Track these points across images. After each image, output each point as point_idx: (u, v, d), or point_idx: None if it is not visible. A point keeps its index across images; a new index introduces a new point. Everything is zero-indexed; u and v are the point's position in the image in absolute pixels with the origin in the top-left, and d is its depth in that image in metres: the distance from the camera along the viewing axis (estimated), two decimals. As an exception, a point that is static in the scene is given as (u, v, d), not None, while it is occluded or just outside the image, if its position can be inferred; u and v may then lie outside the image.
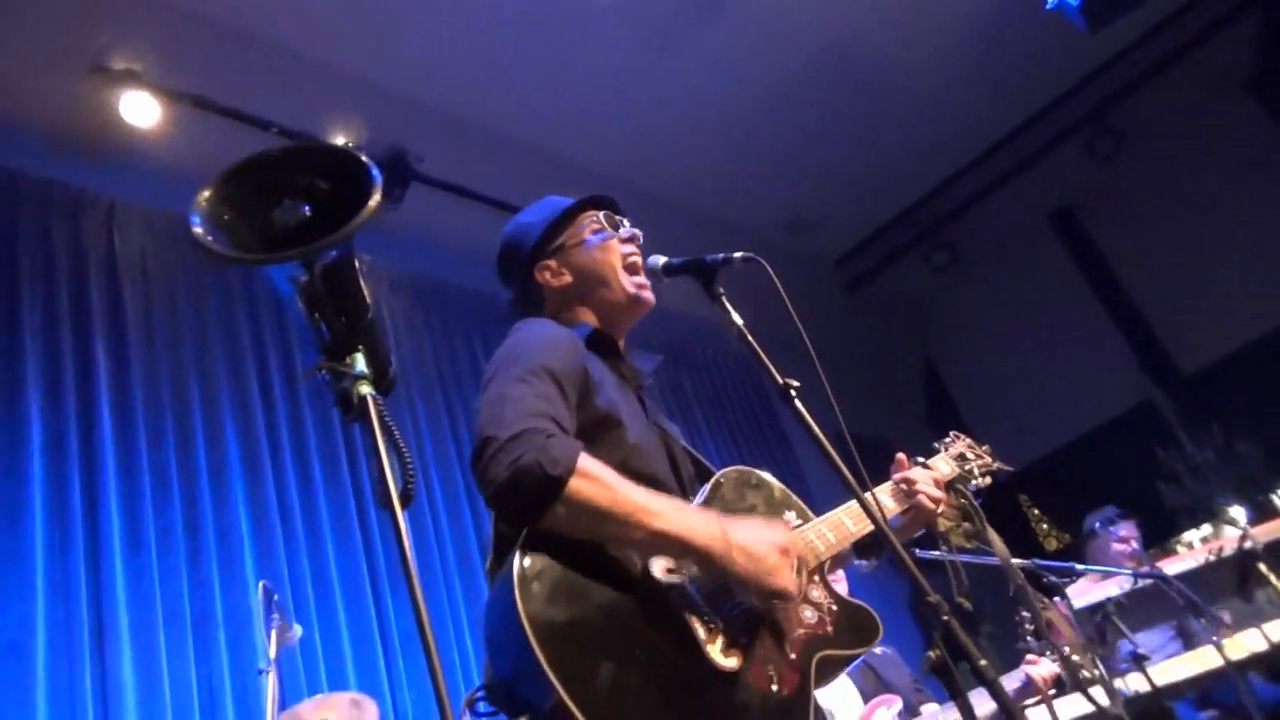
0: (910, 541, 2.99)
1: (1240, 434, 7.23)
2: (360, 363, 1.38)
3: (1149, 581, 3.61)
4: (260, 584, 2.43)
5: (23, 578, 3.20)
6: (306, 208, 1.29)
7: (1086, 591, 3.73)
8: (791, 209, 7.23)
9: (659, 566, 1.56)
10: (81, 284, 3.88)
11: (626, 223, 1.98)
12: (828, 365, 1.78)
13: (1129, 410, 7.90)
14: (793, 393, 1.67)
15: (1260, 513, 7.31)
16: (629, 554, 1.53)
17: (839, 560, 1.87)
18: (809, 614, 1.71)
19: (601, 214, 1.98)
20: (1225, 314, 7.45)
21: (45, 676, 3.10)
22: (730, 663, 1.53)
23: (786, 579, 1.58)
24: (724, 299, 1.78)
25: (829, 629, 1.69)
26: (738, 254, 1.80)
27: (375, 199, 1.31)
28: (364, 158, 1.33)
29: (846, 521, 1.81)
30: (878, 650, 3.19)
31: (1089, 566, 3.40)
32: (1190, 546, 7.81)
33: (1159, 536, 7.91)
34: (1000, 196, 7.59)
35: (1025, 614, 3.51)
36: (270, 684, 2.18)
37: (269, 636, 2.32)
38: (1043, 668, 2.98)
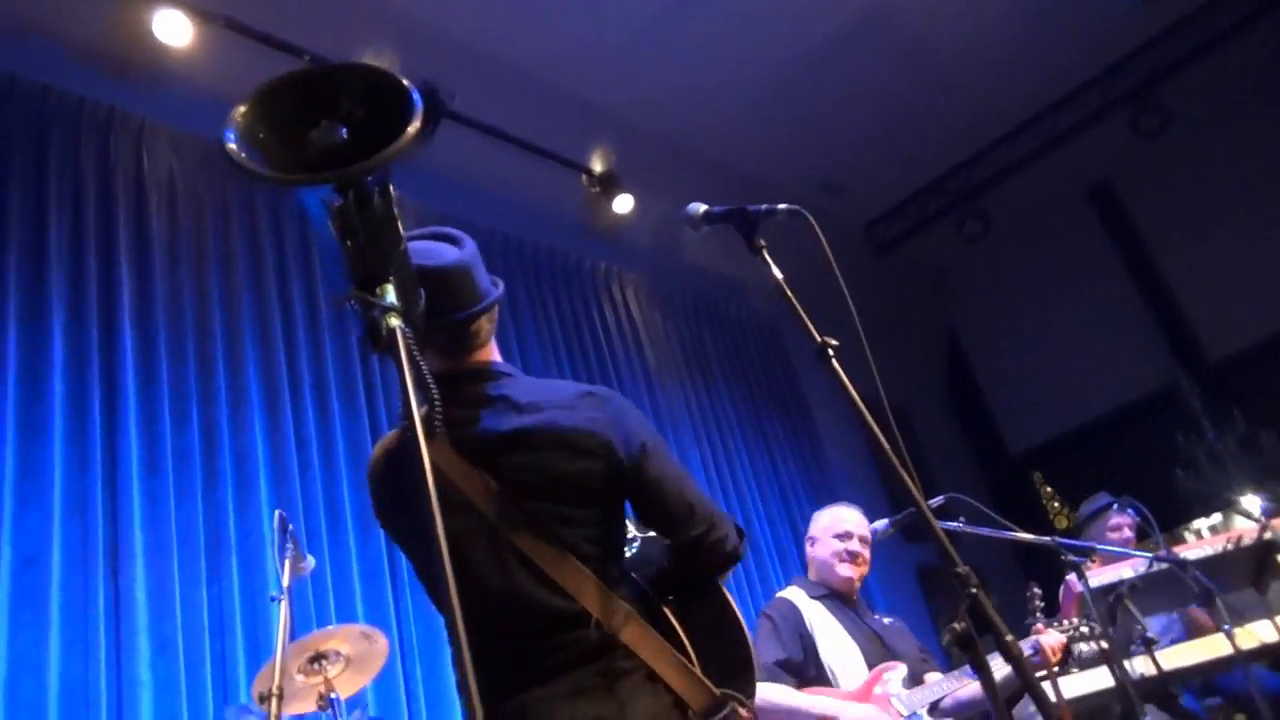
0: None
1: (1264, 424, 7.15)
2: (390, 294, 1.35)
3: (1164, 566, 3.58)
4: (276, 513, 2.42)
5: (41, 493, 3.22)
6: (344, 130, 1.26)
7: (1099, 573, 3.70)
8: (824, 169, 7.11)
9: None
10: (109, 203, 3.85)
11: None
12: (851, 329, 1.75)
13: (1152, 393, 7.82)
14: (830, 352, 1.63)
15: (1278, 505, 7.27)
16: None
17: None
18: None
19: None
20: (1258, 302, 7.32)
21: (59, 592, 3.13)
22: None
23: None
24: (765, 251, 1.74)
25: None
26: (782, 205, 1.75)
27: (415, 125, 1.27)
28: (406, 82, 1.29)
29: None
30: (885, 620, 3.19)
31: (1107, 547, 3.37)
32: (1199, 535, 7.79)
33: (1170, 523, 7.88)
34: (1039, 167, 7.45)
35: (1036, 590, 3.51)
36: (282, 612, 2.18)
37: (282, 565, 2.32)
38: (1051, 637, 2.97)
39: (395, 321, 1.33)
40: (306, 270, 4.42)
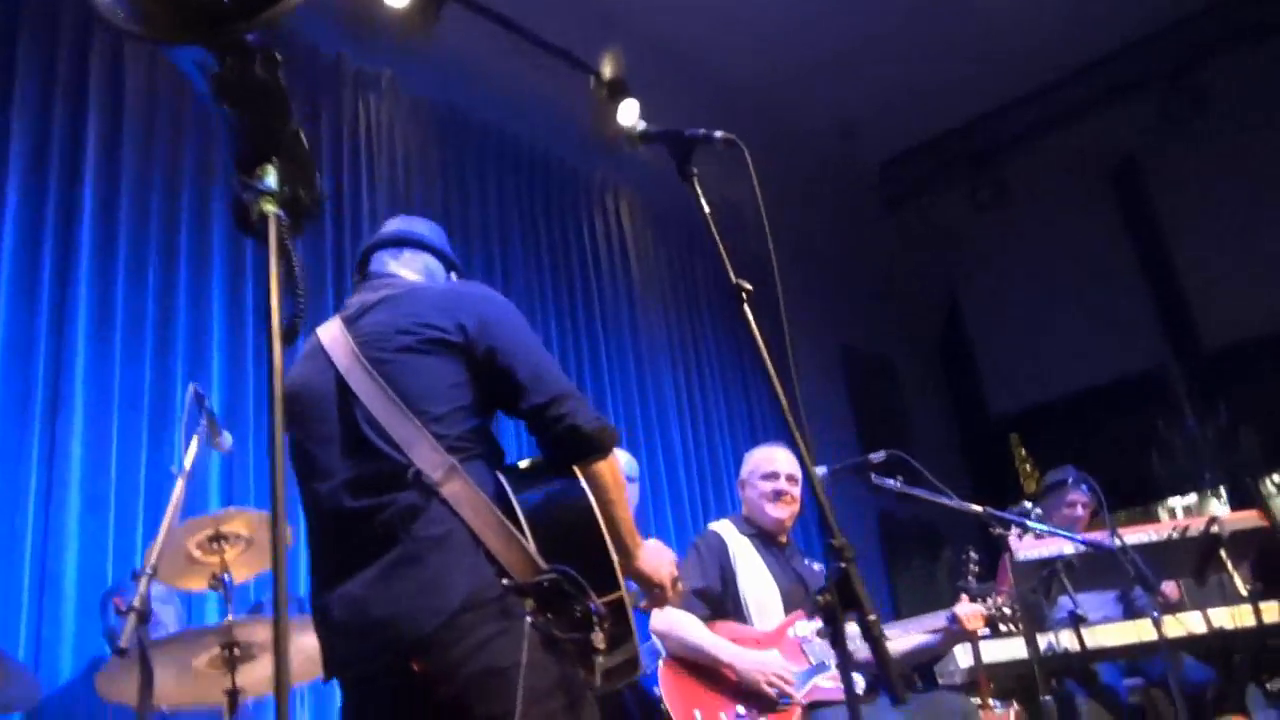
0: (870, 467, 2.94)
1: (1245, 419, 7.09)
2: (270, 175, 1.28)
3: (1105, 544, 3.57)
4: (191, 386, 2.38)
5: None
6: (221, -9, 1.16)
7: (1038, 545, 3.69)
8: (842, 108, 6.91)
9: None
10: (83, 55, 3.72)
11: None
12: (853, 277, 1.69)
13: (1140, 374, 7.74)
14: (743, 295, 1.58)
15: (1242, 500, 7.27)
16: None
17: None
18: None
19: None
20: (1261, 298, 7.19)
21: (-6, 437, 3.12)
22: None
23: None
24: (695, 180, 1.68)
25: None
26: (719, 133, 1.69)
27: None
28: None
29: None
30: (815, 566, 3.18)
31: (1042, 526, 3.33)
32: (1173, 514, 7.82)
33: (1137, 502, 7.91)
34: (1061, 136, 7.24)
35: (972, 555, 3.49)
36: (178, 488, 2.16)
37: (188, 441, 2.28)
38: (968, 608, 2.96)
39: (269, 208, 1.26)
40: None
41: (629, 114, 5.80)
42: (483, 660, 1.54)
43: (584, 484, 1.73)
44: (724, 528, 3.12)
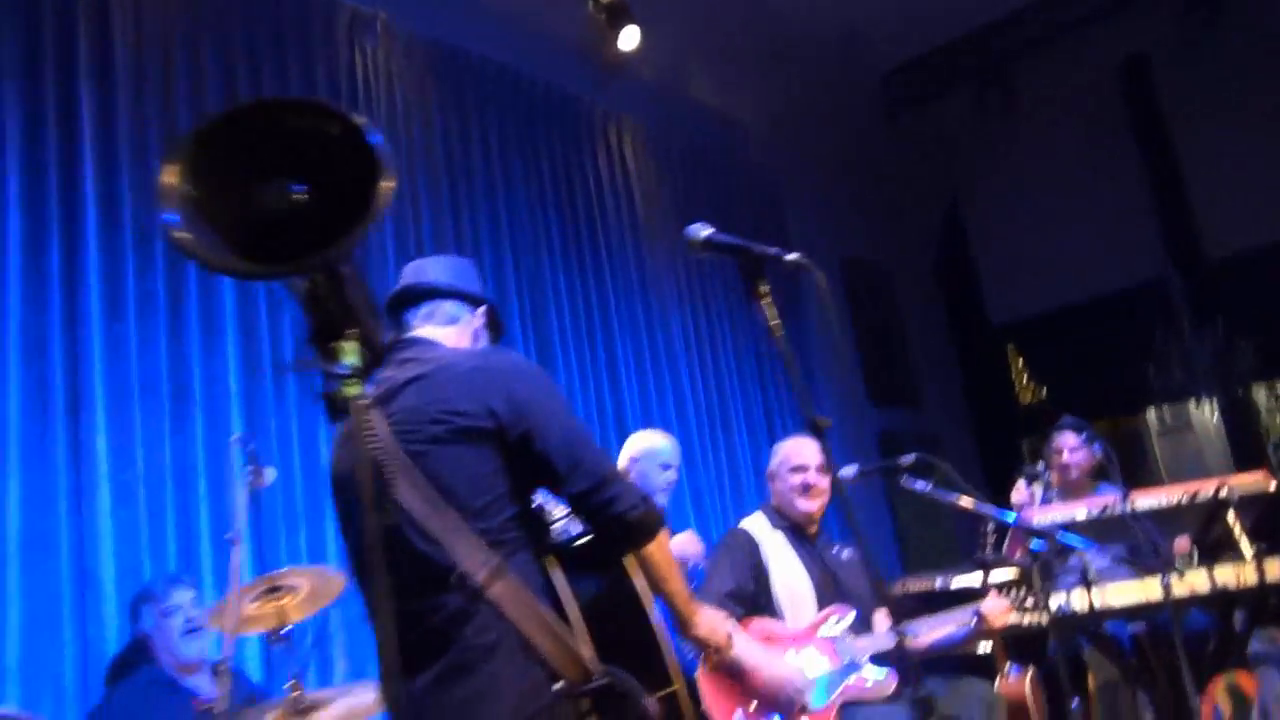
0: (899, 470, 2.97)
1: (1243, 332, 7.15)
2: (349, 355, 1.24)
3: (1115, 512, 3.65)
4: (234, 436, 2.36)
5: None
6: (296, 188, 1.09)
7: (1051, 510, 3.77)
8: (848, 13, 6.66)
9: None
10: (69, 18, 3.52)
11: None
12: (855, 189, 1.67)
13: (1140, 285, 7.75)
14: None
15: (1233, 408, 7.42)
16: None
17: None
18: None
19: None
20: (1266, 208, 7.14)
21: (18, 437, 3.10)
22: None
23: None
24: (767, 301, 1.64)
25: None
26: (791, 255, 1.64)
27: (387, 182, 1.11)
28: (361, 121, 1.10)
29: None
30: (844, 554, 3.24)
31: (1075, 539, 3.35)
32: (1163, 422, 7.97)
33: (1123, 412, 8.04)
34: (1072, 41, 7.02)
35: (990, 525, 3.57)
36: (235, 555, 2.16)
37: (239, 496, 2.27)
38: (994, 604, 3.04)
39: (353, 390, 1.23)
40: (283, 87, 4.13)
41: (630, 39, 5.58)
42: None
43: (632, 576, 1.73)
44: (755, 524, 3.17)
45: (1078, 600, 3.63)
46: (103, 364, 3.35)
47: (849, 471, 3.23)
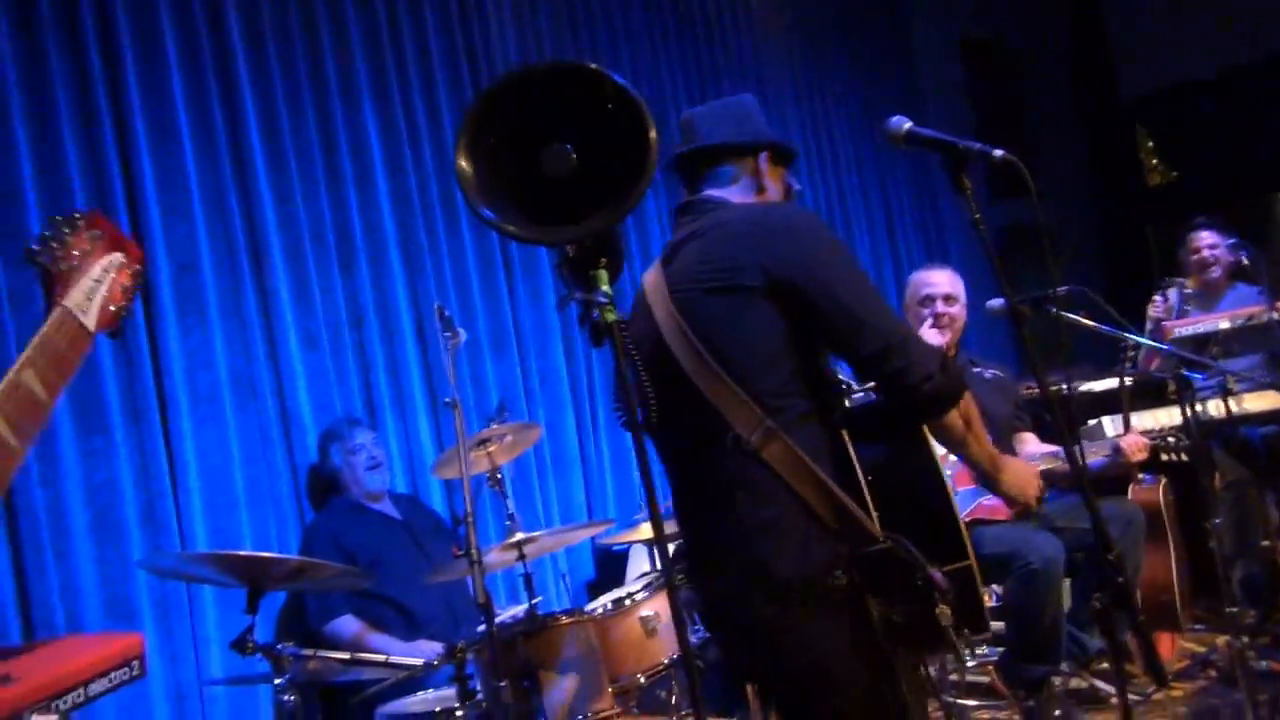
0: (1050, 301, 2.99)
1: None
2: (604, 282, 1.37)
3: (1262, 319, 3.66)
4: (437, 306, 2.54)
5: (184, 203, 3.33)
6: (571, 148, 1.18)
7: (1195, 321, 3.79)
8: None
9: None
10: None
11: None
12: None
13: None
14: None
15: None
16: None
17: None
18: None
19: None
20: None
21: (214, 294, 3.38)
22: None
23: None
24: (969, 195, 1.65)
25: None
26: (998, 151, 1.64)
27: (652, 133, 1.18)
28: (622, 81, 1.17)
29: None
30: (988, 374, 3.33)
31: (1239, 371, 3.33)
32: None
33: (1260, 189, 7.65)
34: None
35: (1130, 340, 3.62)
36: (458, 416, 2.38)
37: (449, 362, 2.47)
38: (1132, 439, 3.13)
39: (611, 316, 1.37)
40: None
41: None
42: (810, 644, 1.59)
43: (929, 443, 1.69)
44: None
45: (1214, 408, 3.72)
46: (274, 217, 3.56)
47: (997, 303, 3.28)
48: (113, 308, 1.24)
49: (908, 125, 1.75)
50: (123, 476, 3.08)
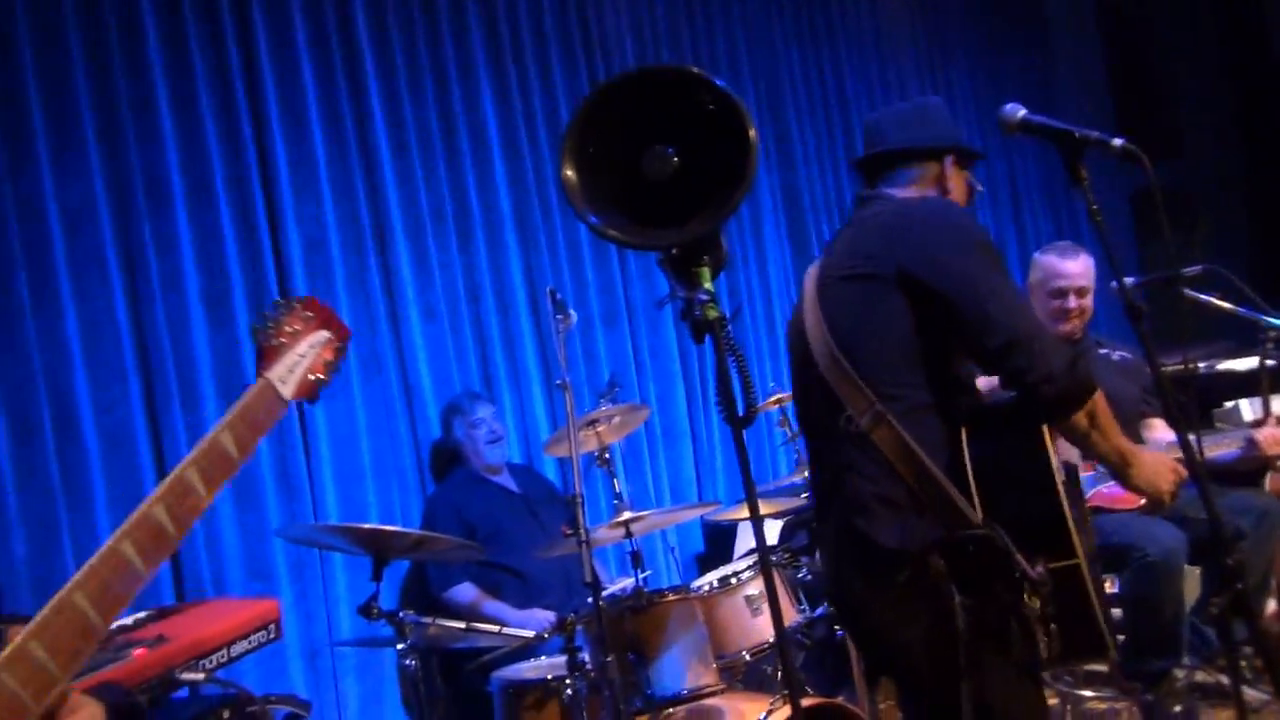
0: (1183, 281, 2.85)
1: None
2: (707, 280, 1.40)
3: None
4: (550, 290, 2.61)
5: (310, 181, 3.49)
6: (672, 151, 1.21)
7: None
8: None
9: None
10: None
11: None
12: None
13: None
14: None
15: None
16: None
17: None
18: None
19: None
20: None
21: (341, 269, 3.54)
22: None
23: None
24: (1086, 185, 1.60)
25: None
26: (1117, 140, 1.59)
27: (753, 133, 1.20)
28: (722, 85, 1.18)
29: None
30: (1114, 356, 3.20)
31: None
32: None
33: None
34: None
35: (1271, 334, 3.40)
36: (568, 399, 2.45)
37: (561, 352, 2.53)
38: (1270, 432, 2.96)
39: (714, 314, 1.40)
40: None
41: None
42: (905, 622, 1.65)
43: (1047, 447, 1.67)
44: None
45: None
46: (397, 196, 3.70)
47: (1128, 282, 3.13)
48: (312, 378, 1.40)
49: (1022, 113, 1.70)
50: (261, 448, 3.28)
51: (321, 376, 1.41)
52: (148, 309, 3.10)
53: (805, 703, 2.37)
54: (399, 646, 2.47)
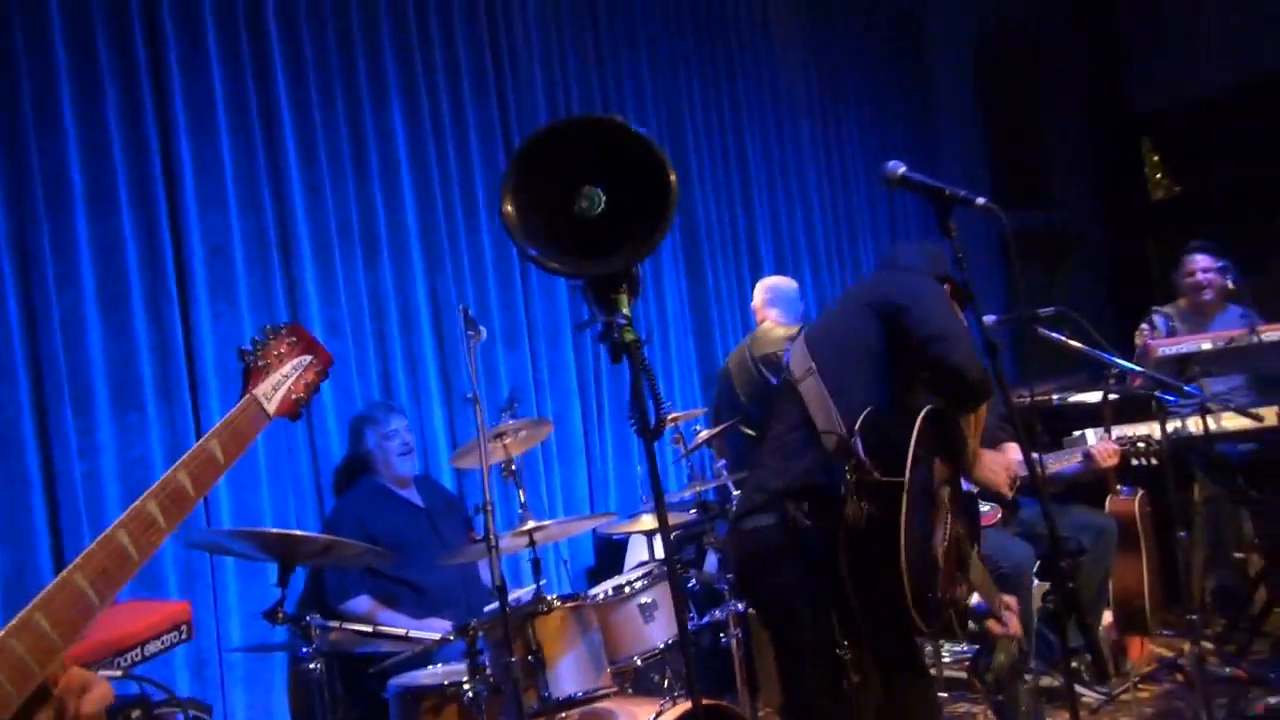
0: (1037, 320, 3.17)
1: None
2: (624, 305, 1.54)
3: (1244, 342, 3.83)
4: (462, 307, 2.71)
5: (215, 189, 3.49)
6: (600, 191, 1.35)
7: (1179, 341, 3.96)
8: None
9: None
10: None
11: None
12: None
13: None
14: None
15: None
16: None
17: None
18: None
19: None
20: None
21: (244, 278, 3.55)
22: None
23: None
24: (954, 236, 1.84)
25: None
26: (980, 199, 1.82)
27: (672, 177, 1.35)
28: (656, 146, 1.34)
29: None
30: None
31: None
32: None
33: (1266, 213, 7.79)
34: None
35: (1115, 366, 3.78)
36: (479, 411, 2.56)
37: (470, 360, 2.64)
38: (1103, 446, 3.29)
39: (630, 336, 1.55)
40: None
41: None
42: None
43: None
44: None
45: (1194, 425, 3.89)
46: (304, 208, 3.73)
47: (988, 320, 3.45)
48: (294, 397, 1.58)
49: (902, 170, 1.92)
50: (154, 452, 3.26)
51: (302, 396, 1.58)
52: (42, 309, 3.06)
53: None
54: (303, 651, 2.51)
